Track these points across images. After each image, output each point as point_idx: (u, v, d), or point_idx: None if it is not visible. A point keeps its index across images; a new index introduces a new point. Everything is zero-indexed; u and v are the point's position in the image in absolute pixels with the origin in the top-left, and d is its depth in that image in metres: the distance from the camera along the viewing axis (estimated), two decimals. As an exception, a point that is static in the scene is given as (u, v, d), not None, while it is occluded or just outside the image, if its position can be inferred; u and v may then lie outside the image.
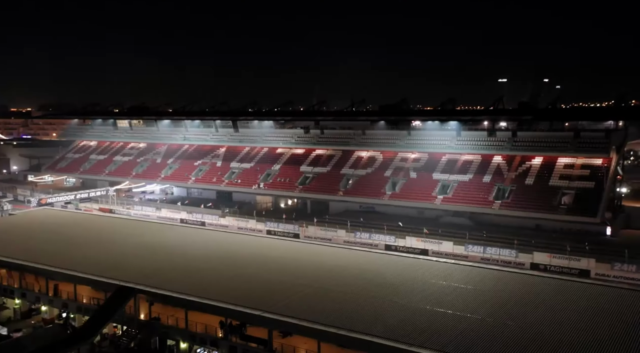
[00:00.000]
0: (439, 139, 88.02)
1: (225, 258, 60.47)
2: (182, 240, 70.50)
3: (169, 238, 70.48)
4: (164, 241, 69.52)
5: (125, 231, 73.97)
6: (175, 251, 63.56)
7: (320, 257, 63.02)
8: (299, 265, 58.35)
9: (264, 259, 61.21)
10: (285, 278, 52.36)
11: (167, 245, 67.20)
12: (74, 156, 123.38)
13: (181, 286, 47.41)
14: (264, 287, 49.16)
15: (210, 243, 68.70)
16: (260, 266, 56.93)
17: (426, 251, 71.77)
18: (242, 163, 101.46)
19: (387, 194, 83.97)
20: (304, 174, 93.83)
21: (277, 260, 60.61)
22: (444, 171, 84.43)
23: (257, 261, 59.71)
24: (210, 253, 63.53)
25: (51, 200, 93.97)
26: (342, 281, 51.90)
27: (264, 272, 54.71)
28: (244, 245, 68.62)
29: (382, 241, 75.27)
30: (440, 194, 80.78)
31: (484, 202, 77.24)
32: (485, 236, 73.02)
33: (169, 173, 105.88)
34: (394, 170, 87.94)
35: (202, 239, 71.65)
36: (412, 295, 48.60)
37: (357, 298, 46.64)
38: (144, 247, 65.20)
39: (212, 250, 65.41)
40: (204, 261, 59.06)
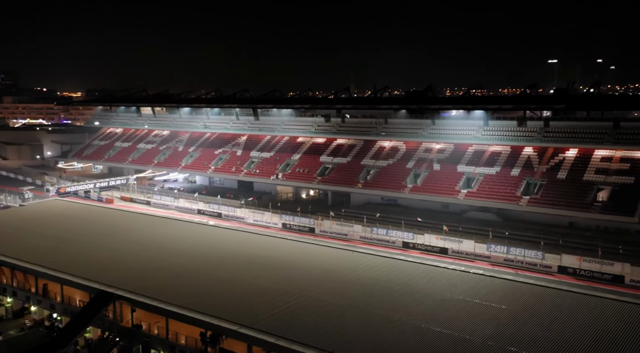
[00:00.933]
0: (465, 128, 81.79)
1: (221, 260, 53.73)
2: (181, 238, 63.64)
3: (169, 236, 64.44)
4: (162, 238, 63.14)
5: (128, 226, 69.10)
6: (169, 251, 57.71)
7: (324, 260, 56.01)
8: (296, 269, 51.01)
9: (261, 262, 54.71)
10: (278, 285, 46.19)
11: (164, 243, 61.16)
12: (100, 143, 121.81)
13: (163, 292, 43.18)
14: (252, 296, 43.53)
15: (209, 242, 61.90)
16: (254, 271, 50.82)
17: (445, 250, 66.31)
18: (262, 152, 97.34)
19: (408, 188, 78.44)
20: (324, 164, 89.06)
21: (274, 264, 54.07)
22: (469, 163, 78.29)
23: (253, 265, 52.95)
24: (206, 253, 57.00)
25: (71, 189, 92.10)
26: (337, 291, 45.58)
27: (256, 277, 48.58)
28: (244, 245, 61.48)
29: (399, 238, 70.11)
30: (464, 188, 74.76)
31: (510, 197, 70.93)
32: (509, 235, 67.20)
33: (189, 162, 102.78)
34: (417, 161, 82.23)
35: (203, 237, 64.62)
36: (409, 308, 42.04)
37: (347, 311, 40.93)
38: (139, 245, 59.17)
39: (208, 250, 58.23)
40: (196, 263, 53.45)
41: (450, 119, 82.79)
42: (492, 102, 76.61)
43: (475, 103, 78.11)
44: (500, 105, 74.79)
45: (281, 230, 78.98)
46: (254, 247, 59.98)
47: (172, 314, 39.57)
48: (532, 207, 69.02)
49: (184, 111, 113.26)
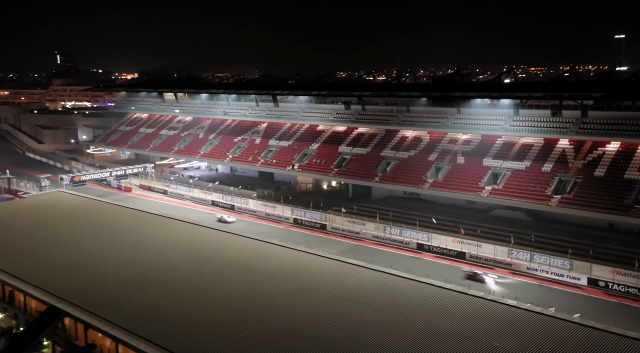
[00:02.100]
0: (493, 118, 73.72)
1: (198, 273, 46.64)
2: (166, 241, 54.66)
3: (154, 238, 56.26)
4: (146, 241, 55.14)
5: (116, 225, 60.46)
6: (147, 257, 50.15)
7: (309, 274, 47.36)
8: (267, 287, 43.85)
9: (239, 274, 47.40)
10: (244, 305, 39.22)
11: (145, 247, 53.35)
12: (126, 128, 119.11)
13: (120, 310, 38.13)
14: (207, 318, 37.53)
15: (195, 247, 53.00)
16: (226, 286, 44.18)
17: (462, 254, 59.54)
18: (281, 140, 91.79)
19: (428, 182, 71.39)
20: (342, 155, 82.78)
21: (252, 279, 45.53)
22: (497, 156, 70.45)
23: (227, 278, 44.83)
24: (185, 262, 49.63)
25: (85, 178, 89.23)
26: (310, 316, 38.24)
27: (224, 294, 41.32)
28: (233, 254, 52.91)
29: (413, 239, 63.69)
30: (489, 185, 67.19)
31: (539, 196, 63.02)
32: (536, 239, 59.71)
33: (208, 150, 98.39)
34: (440, 153, 74.87)
35: (191, 241, 54.76)
36: (379, 345, 34.65)
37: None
38: (117, 249, 53.03)
39: (190, 257, 49.89)
40: (169, 273, 46.86)
41: (478, 108, 74.68)
42: (521, 90, 68.13)
43: (502, 91, 69.77)
44: (530, 93, 66.30)
45: (292, 226, 73.76)
46: (242, 256, 52.67)
47: (122, 341, 34.66)
48: (563, 208, 60.98)
49: (205, 97, 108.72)
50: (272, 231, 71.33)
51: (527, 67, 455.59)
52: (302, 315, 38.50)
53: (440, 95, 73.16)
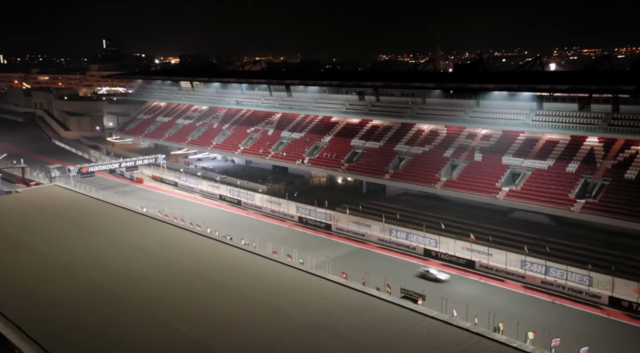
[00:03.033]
0: (514, 112, 67.12)
1: (158, 287, 42.90)
2: (140, 247, 52.11)
3: (132, 243, 52.04)
4: (121, 247, 51.81)
5: (99, 226, 56.26)
6: (104, 268, 46.44)
7: (280, 293, 41.92)
8: (230, 308, 39.31)
9: (204, 291, 42.51)
10: (190, 330, 35.34)
11: (112, 254, 49.34)
12: (144, 117, 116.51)
13: (43, 334, 34.01)
14: (141, 344, 33.53)
15: (171, 255, 50.04)
16: (184, 304, 39.48)
17: (472, 263, 53.92)
18: (293, 132, 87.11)
19: (441, 181, 65.63)
20: (354, 149, 77.57)
21: (217, 297, 41.44)
22: (517, 153, 64.07)
23: (188, 297, 41.30)
24: (150, 274, 45.47)
25: (94, 169, 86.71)
26: (260, 347, 33.51)
27: (176, 315, 37.58)
28: (206, 263, 49.01)
29: (420, 245, 58.30)
30: (506, 185, 61.04)
31: (561, 200, 56.62)
32: (555, 247, 53.66)
33: (220, 141, 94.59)
34: (456, 149, 68.86)
35: (171, 247, 52.48)
36: None
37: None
38: (79, 257, 49.29)
39: (159, 267, 47.18)
40: (125, 290, 41.91)
41: (498, 100, 68.07)
42: (544, 81, 61.15)
43: (523, 82, 62.93)
44: (553, 85, 59.39)
45: (296, 225, 69.26)
46: (216, 269, 47.02)
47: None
48: (587, 214, 54.50)
49: (219, 86, 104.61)
50: (274, 230, 67.16)
51: (579, 48, 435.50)
52: (254, 345, 33.94)
53: (455, 86, 66.85)
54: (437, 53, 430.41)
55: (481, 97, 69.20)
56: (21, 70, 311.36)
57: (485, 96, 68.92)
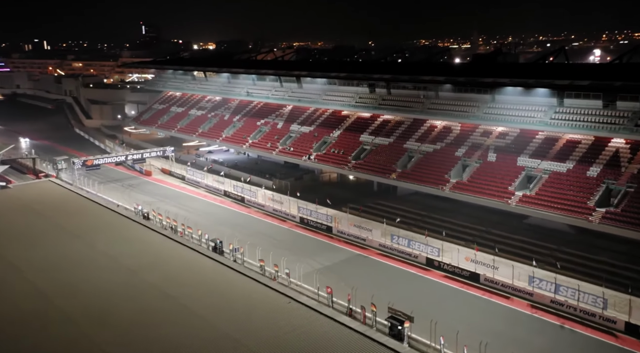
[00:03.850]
0: (531, 108, 61.26)
1: (115, 303, 40.08)
2: (111, 256, 48.84)
3: (100, 251, 49.50)
4: (85, 257, 48.95)
5: (72, 230, 55.43)
6: (62, 282, 43.34)
7: (239, 318, 39.26)
8: (180, 334, 36.30)
9: (159, 312, 39.55)
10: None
11: (75, 264, 46.87)
12: (159, 106, 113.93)
13: None
14: None
15: (140, 265, 46.80)
16: (131, 328, 36.32)
17: (477, 276, 48.93)
18: (303, 125, 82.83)
19: (451, 183, 60.47)
20: (362, 145, 72.85)
21: (167, 322, 37.81)
22: (534, 154, 58.34)
23: (134, 322, 38.08)
24: (109, 289, 42.90)
25: (99, 162, 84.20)
26: None
27: (112, 342, 34.46)
28: (174, 279, 46.11)
29: (423, 253, 53.52)
30: (520, 190, 55.55)
31: (579, 208, 50.93)
32: (568, 260, 48.40)
33: (230, 133, 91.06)
34: (469, 148, 63.47)
35: (140, 256, 49.01)
36: None
37: None
38: (39, 266, 46.11)
39: (121, 281, 44.40)
40: (77, 307, 38.63)
41: (516, 95, 62.18)
42: (564, 76, 54.89)
43: (540, 77, 56.73)
44: (573, 81, 53.20)
45: (296, 226, 65.22)
46: (184, 287, 43.48)
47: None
48: (607, 224, 48.75)
49: (232, 76, 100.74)
50: (272, 231, 63.28)
51: (631, 32, 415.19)
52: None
53: (466, 80, 61.22)
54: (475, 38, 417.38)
55: (497, 91, 63.44)
56: (58, 57, 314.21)
57: (501, 90, 63.13)
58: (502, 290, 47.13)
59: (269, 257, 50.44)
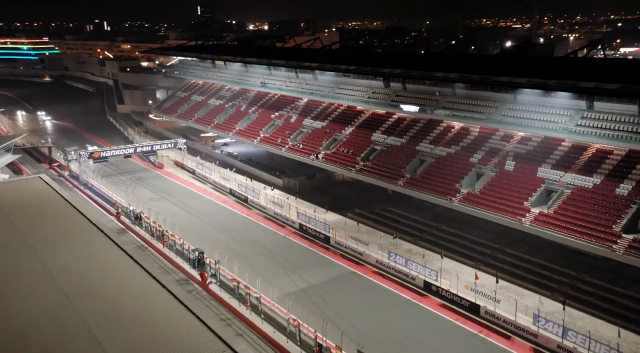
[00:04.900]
0: (557, 112, 53.16)
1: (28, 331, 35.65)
2: (56, 277, 43.03)
3: (55, 266, 43.81)
4: (22, 273, 43.97)
5: (36, 240, 49.57)
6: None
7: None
8: None
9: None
10: None
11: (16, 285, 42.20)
12: (181, 94, 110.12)
13: None
14: None
15: (78, 282, 41.42)
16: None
17: (477, 308, 42.47)
18: (316, 120, 76.91)
19: (461, 193, 53.49)
20: (373, 144, 66.40)
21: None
22: (557, 164, 50.53)
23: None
24: (29, 315, 38.21)
25: (106, 154, 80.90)
26: None
27: None
28: (108, 302, 40.71)
29: (420, 275, 47.19)
30: (537, 206, 48.14)
31: (601, 233, 43.29)
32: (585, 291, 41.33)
33: (243, 126, 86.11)
34: (486, 154, 56.08)
35: (82, 274, 42.86)
36: None
37: None
38: None
39: (47, 305, 39.51)
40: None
41: (539, 95, 54.03)
42: (593, 76, 46.13)
43: (564, 77, 48.07)
44: (600, 83, 44.67)
45: (294, 234, 59.87)
46: (110, 315, 38.61)
47: None
48: (632, 257, 41.02)
49: (250, 65, 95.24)
50: (266, 239, 58.17)
51: None
52: None
53: (480, 79, 53.42)
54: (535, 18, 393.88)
55: (518, 91, 55.41)
56: (108, 38, 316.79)
57: (522, 90, 55.05)
58: (503, 327, 40.55)
59: (245, 275, 45.33)
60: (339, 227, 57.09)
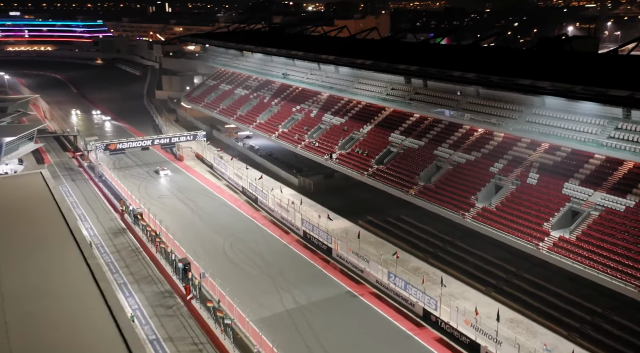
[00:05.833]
0: (586, 120, 46.00)
1: None
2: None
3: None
4: None
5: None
6: None
7: None
8: None
9: None
10: None
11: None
12: (211, 83, 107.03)
13: None
14: None
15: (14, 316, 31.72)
16: None
17: (477, 347, 36.94)
18: (335, 116, 71.76)
19: (475, 209, 47.48)
20: (390, 145, 60.79)
21: None
22: (586, 181, 43.70)
23: None
24: None
25: (122, 146, 78.55)
26: None
27: None
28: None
29: (420, 302, 41.86)
30: (557, 230, 41.74)
31: (630, 268, 36.64)
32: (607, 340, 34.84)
33: (264, 119, 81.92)
34: (508, 163, 49.62)
35: (34, 296, 33.37)
36: None
37: None
38: None
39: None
40: None
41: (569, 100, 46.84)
42: (627, 82, 38.60)
43: (595, 82, 40.64)
44: (634, 93, 37.11)
45: (296, 242, 55.40)
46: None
47: None
48: (665, 299, 34.38)
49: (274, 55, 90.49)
50: (266, 247, 54.16)
51: None
52: None
53: (500, 81, 46.58)
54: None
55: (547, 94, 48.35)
56: (162, 21, 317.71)
57: (553, 93, 47.95)
58: (505, 372, 34.97)
59: (243, 284, 41.47)
60: (349, 235, 52.23)
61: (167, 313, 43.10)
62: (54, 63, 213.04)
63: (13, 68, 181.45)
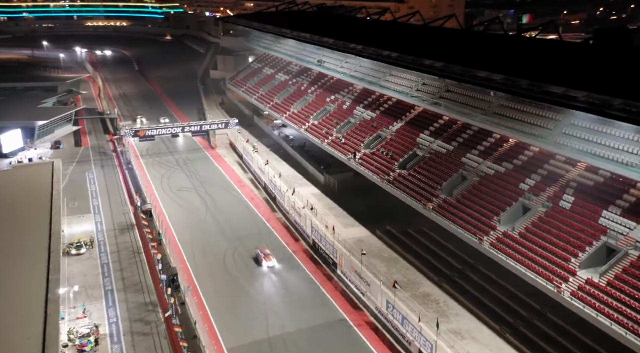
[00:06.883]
0: (633, 139, 37.71)
1: None
2: None
3: None
4: None
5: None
6: None
7: None
8: None
9: None
10: None
11: None
12: (255, 65, 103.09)
13: None
14: None
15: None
16: None
17: (470, 407, 31.00)
18: (367, 110, 65.72)
19: (495, 233, 40.73)
20: (417, 148, 54.30)
21: None
22: (628, 211, 35.90)
23: None
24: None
25: (152, 133, 76.06)
26: None
27: None
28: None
29: (416, 341, 36.16)
30: (586, 268, 34.61)
31: (668, 332, 29.30)
32: None
33: (297, 109, 76.99)
34: (542, 179, 42.25)
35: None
36: None
37: None
38: None
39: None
40: None
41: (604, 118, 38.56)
42: None
43: (631, 97, 32.16)
44: None
45: (304, 252, 50.66)
46: None
47: None
48: None
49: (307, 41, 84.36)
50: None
51: None
52: None
53: (528, 88, 38.68)
54: None
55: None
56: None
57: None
58: None
59: (230, 302, 37.55)
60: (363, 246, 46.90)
61: (144, 330, 39.80)
62: (126, 38, 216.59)
63: (88, 43, 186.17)
